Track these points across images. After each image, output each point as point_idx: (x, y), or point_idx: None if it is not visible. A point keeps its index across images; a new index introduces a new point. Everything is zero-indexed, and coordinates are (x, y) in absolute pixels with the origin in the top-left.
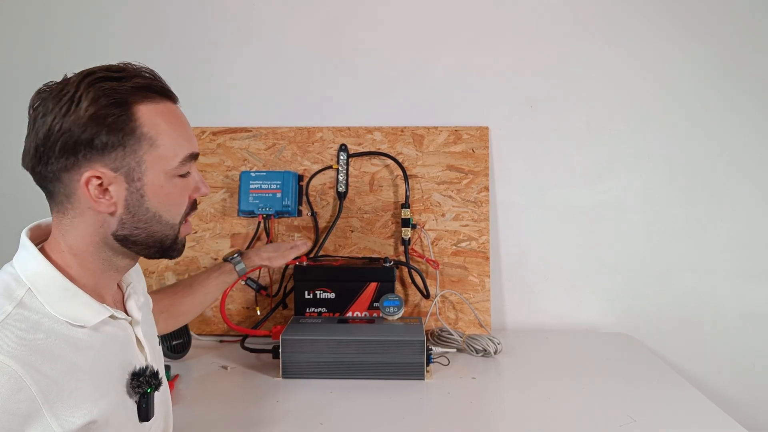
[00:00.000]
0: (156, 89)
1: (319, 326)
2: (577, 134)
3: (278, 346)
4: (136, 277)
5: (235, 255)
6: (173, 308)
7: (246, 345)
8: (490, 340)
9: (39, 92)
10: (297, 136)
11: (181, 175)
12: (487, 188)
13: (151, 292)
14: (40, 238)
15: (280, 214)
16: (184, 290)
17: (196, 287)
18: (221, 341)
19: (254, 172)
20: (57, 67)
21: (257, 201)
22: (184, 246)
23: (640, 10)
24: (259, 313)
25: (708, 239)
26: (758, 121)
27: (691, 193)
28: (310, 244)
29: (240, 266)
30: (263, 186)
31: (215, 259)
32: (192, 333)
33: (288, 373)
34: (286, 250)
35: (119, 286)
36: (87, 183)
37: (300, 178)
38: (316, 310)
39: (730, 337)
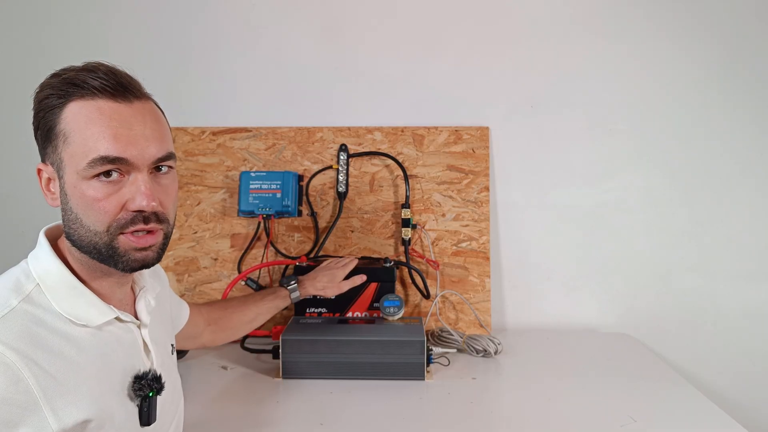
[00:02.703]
0: (86, 87)
1: (319, 326)
2: (577, 134)
3: (278, 346)
4: (151, 282)
5: (292, 282)
6: (222, 322)
7: (246, 345)
8: (491, 340)
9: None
10: (297, 136)
11: (96, 178)
12: (487, 188)
13: (203, 304)
14: (59, 236)
15: (280, 214)
16: (236, 307)
17: (250, 306)
18: None
19: (254, 172)
20: (57, 67)
21: (257, 201)
22: (137, 261)
23: (639, 10)
24: None
25: (709, 239)
26: (759, 121)
27: (691, 193)
28: (356, 261)
29: (295, 294)
30: (263, 186)
31: (215, 260)
32: None
33: (288, 374)
34: (342, 282)
35: (132, 289)
36: (38, 174)
37: (300, 178)
38: (316, 311)
39: (731, 337)
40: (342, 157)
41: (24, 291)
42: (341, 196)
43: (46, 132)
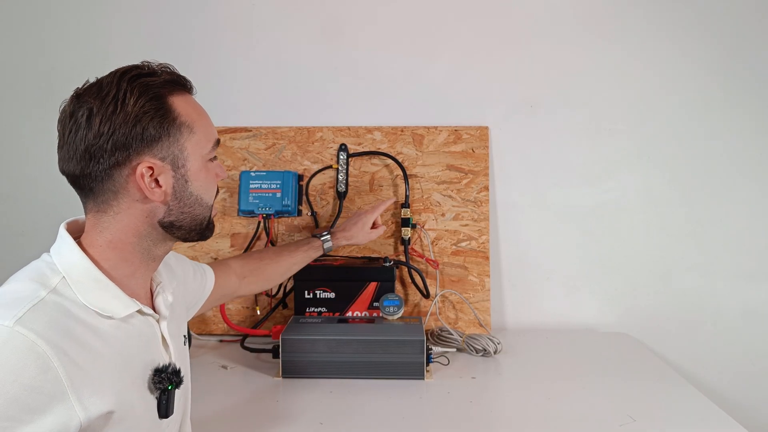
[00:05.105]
0: (180, 83)
1: (319, 326)
2: (577, 134)
3: (278, 345)
4: (167, 278)
5: (325, 233)
6: (258, 272)
7: (246, 345)
8: (490, 339)
9: (77, 97)
10: (297, 135)
11: (210, 160)
12: (487, 188)
13: (237, 257)
14: (77, 233)
15: (280, 214)
16: (271, 257)
17: (284, 256)
18: (221, 341)
19: (254, 171)
20: (58, 67)
21: (257, 201)
22: (214, 226)
23: (640, 10)
24: (259, 312)
25: (708, 239)
26: (758, 120)
27: (691, 192)
28: (389, 203)
29: (328, 244)
30: (263, 186)
31: (215, 259)
32: (192, 332)
33: (288, 373)
34: (371, 230)
35: (150, 284)
36: (141, 175)
37: (300, 177)
38: (316, 310)
39: (731, 337)
40: (342, 157)
41: (51, 283)
42: (341, 196)
43: (159, 129)
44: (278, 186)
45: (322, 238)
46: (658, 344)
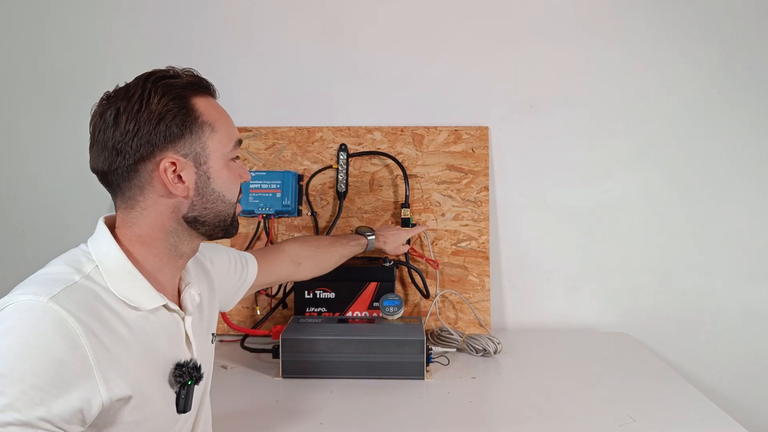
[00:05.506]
0: (203, 85)
1: (319, 326)
2: (577, 134)
3: (278, 345)
4: (196, 278)
5: (369, 233)
6: (313, 259)
7: (246, 345)
8: (490, 339)
9: (107, 99)
10: (297, 135)
11: (233, 159)
12: (486, 188)
13: (292, 240)
14: (111, 228)
15: (280, 214)
16: (326, 246)
17: (337, 247)
18: (221, 341)
19: (254, 171)
20: (58, 67)
21: (257, 201)
22: (239, 224)
23: (640, 10)
24: (258, 312)
25: (708, 239)
26: (758, 121)
27: (691, 193)
28: (424, 227)
29: (371, 245)
30: (263, 186)
31: None
32: None
33: (288, 373)
34: (402, 245)
35: (179, 282)
36: (164, 170)
37: (300, 177)
38: (316, 310)
39: (731, 337)
40: (342, 157)
41: (84, 270)
42: (341, 196)
43: (181, 127)
44: (278, 186)
45: (369, 237)
46: (658, 344)
